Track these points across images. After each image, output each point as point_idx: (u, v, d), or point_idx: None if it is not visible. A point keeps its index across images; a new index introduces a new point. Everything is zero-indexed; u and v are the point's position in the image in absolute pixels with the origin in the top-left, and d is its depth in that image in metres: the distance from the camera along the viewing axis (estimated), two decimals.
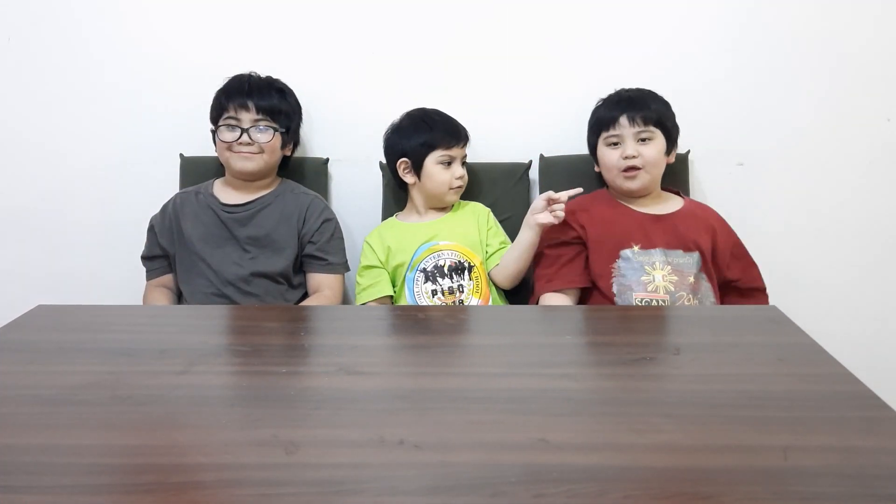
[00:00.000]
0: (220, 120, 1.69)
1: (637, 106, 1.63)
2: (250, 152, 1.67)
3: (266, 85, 1.71)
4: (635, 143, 1.61)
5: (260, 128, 1.67)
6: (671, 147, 1.66)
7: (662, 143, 1.63)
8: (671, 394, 0.95)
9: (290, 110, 1.73)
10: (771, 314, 1.25)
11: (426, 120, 1.71)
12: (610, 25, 1.83)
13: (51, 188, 1.92)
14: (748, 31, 1.83)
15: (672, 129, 1.66)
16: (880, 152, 1.86)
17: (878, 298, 1.91)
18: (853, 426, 0.85)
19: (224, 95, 1.69)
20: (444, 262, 1.62)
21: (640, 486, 0.73)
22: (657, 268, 1.55)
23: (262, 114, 1.68)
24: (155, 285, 1.73)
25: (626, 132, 1.62)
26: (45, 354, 1.09)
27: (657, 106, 1.64)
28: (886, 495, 0.72)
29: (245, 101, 1.67)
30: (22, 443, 0.83)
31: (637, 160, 1.61)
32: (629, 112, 1.62)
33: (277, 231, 1.69)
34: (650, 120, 1.62)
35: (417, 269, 1.63)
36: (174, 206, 1.72)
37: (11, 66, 1.87)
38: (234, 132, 1.67)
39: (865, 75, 1.83)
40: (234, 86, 1.70)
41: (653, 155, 1.62)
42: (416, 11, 1.84)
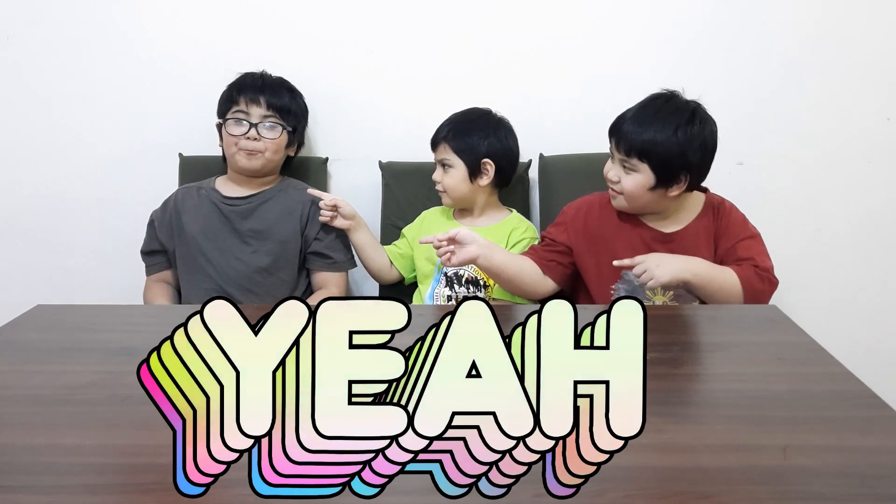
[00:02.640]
0: (228, 113, 1.69)
1: (630, 129, 1.44)
2: (255, 150, 1.66)
3: (278, 84, 1.72)
4: (619, 168, 1.47)
5: (268, 124, 1.67)
6: (667, 181, 1.44)
7: (647, 178, 1.43)
8: (671, 393, 0.95)
9: (298, 111, 1.74)
10: (771, 314, 1.25)
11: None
12: (610, 25, 1.83)
13: (50, 187, 1.91)
14: (748, 31, 1.83)
15: (668, 162, 1.42)
16: (880, 152, 1.86)
17: (878, 298, 1.91)
18: (852, 426, 0.85)
19: (236, 89, 1.70)
20: (463, 273, 1.63)
21: (640, 485, 0.73)
22: (658, 293, 1.47)
23: (272, 110, 1.68)
24: (155, 280, 1.73)
25: (615, 153, 1.49)
26: (44, 354, 1.09)
27: (655, 132, 1.42)
28: (886, 495, 0.72)
29: (257, 97, 1.67)
30: (21, 443, 0.83)
31: (617, 185, 1.47)
32: (616, 135, 1.47)
33: (279, 224, 1.69)
34: (633, 151, 1.43)
35: (443, 271, 1.65)
36: (175, 201, 1.72)
37: (11, 65, 1.87)
38: (241, 126, 1.67)
39: (865, 75, 1.83)
40: (247, 81, 1.71)
41: (630, 187, 1.45)
42: (416, 11, 1.83)
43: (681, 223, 1.52)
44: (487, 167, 1.67)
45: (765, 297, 1.46)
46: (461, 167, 1.66)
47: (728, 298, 1.42)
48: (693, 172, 1.45)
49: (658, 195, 1.46)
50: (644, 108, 1.47)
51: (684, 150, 1.42)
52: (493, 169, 1.68)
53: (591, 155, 1.78)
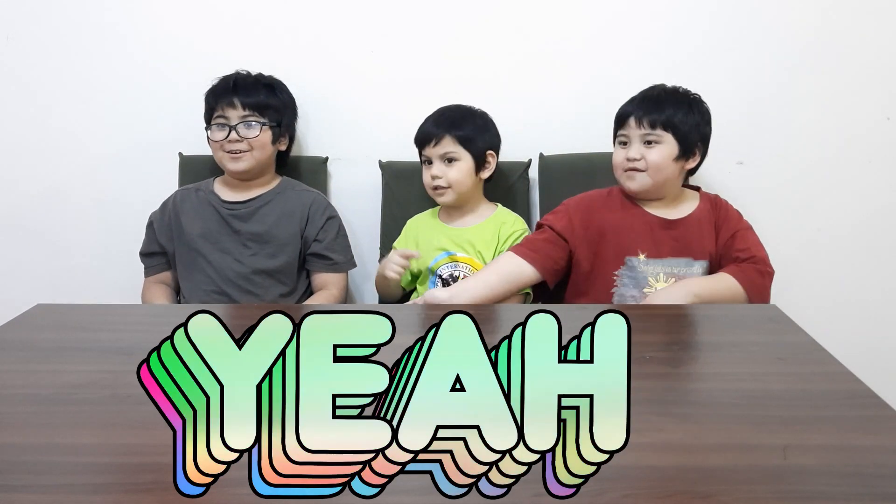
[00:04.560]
0: (211, 120, 1.69)
1: (647, 107, 1.55)
2: (239, 150, 1.66)
3: (253, 81, 1.71)
4: (640, 145, 1.55)
5: (247, 124, 1.67)
6: (687, 152, 1.55)
7: (672, 148, 1.53)
8: (671, 393, 0.95)
9: (279, 105, 1.72)
10: (771, 314, 1.25)
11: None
12: (610, 24, 1.83)
13: (50, 187, 1.91)
14: (748, 31, 1.83)
15: (688, 134, 1.54)
16: (880, 152, 1.86)
17: (878, 298, 1.91)
18: (852, 425, 0.85)
19: (212, 95, 1.70)
20: (459, 273, 1.63)
21: (640, 484, 0.73)
22: (661, 280, 1.51)
23: (249, 110, 1.68)
24: (153, 282, 1.73)
25: (633, 133, 1.55)
26: (43, 353, 1.09)
27: (672, 109, 1.55)
28: (886, 494, 0.72)
29: (231, 99, 1.67)
30: (21, 442, 0.83)
31: (639, 162, 1.53)
32: (637, 112, 1.55)
33: (279, 227, 1.69)
34: (658, 123, 1.53)
35: (437, 273, 1.65)
36: (174, 203, 1.72)
37: (10, 65, 1.87)
38: (223, 130, 1.67)
39: (865, 75, 1.83)
40: (221, 85, 1.71)
41: (656, 159, 1.53)
42: (415, 10, 1.83)
43: (682, 212, 1.58)
44: (490, 159, 1.67)
45: (766, 290, 1.51)
46: (468, 159, 1.64)
47: (734, 301, 1.46)
48: (705, 146, 1.58)
49: (678, 168, 1.55)
50: (650, 93, 1.58)
51: (698, 122, 1.56)
52: (495, 161, 1.67)
53: (591, 155, 1.78)
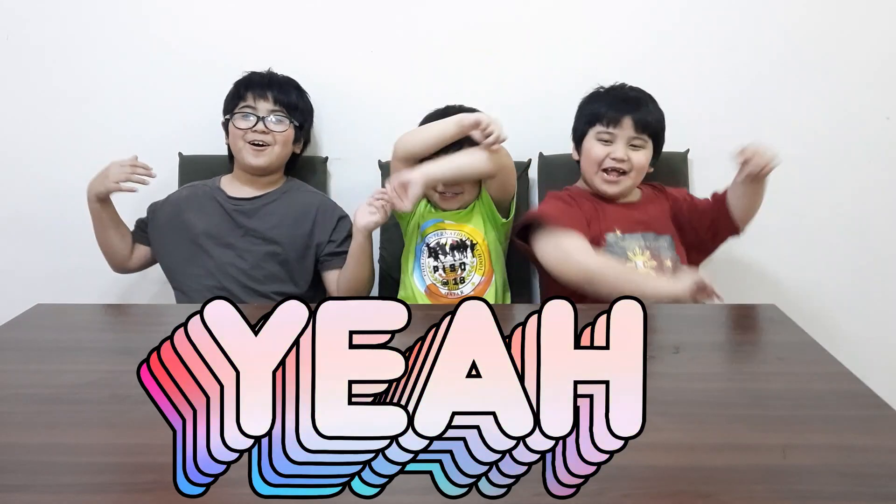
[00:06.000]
0: (235, 109, 1.70)
1: (641, 111, 1.59)
2: (264, 142, 1.67)
3: (286, 81, 1.75)
4: (626, 147, 1.58)
5: (277, 118, 1.69)
6: (657, 155, 1.64)
7: (650, 152, 1.61)
8: (671, 392, 0.95)
9: (305, 108, 1.76)
10: (771, 314, 1.25)
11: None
12: (610, 24, 1.83)
13: (50, 187, 1.91)
14: (748, 31, 1.82)
15: (661, 141, 1.64)
16: (880, 152, 1.86)
17: (877, 298, 1.91)
18: (852, 425, 0.86)
19: (243, 86, 1.71)
20: (445, 241, 1.62)
21: (640, 484, 0.73)
22: (637, 253, 1.55)
23: (279, 105, 1.70)
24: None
25: (623, 134, 1.58)
26: (44, 353, 1.09)
27: (657, 115, 1.62)
28: (885, 494, 0.72)
29: (265, 92, 1.69)
30: (21, 442, 0.83)
31: (625, 164, 1.58)
32: (635, 115, 1.58)
33: (283, 226, 1.69)
34: (649, 129, 1.59)
35: (425, 241, 1.64)
36: (178, 198, 1.73)
37: (10, 64, 1.87)
38: (249, 120, 1.68)
39: (865, 75, 1.83)
40: (255, 78, 1.73)
41: (641, 162, 1.59)
42: (415, 9, 1.83)
43: (635, 197, 1.66)
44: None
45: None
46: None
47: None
48: (662, 146, 1.65)
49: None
50: (631, 91, 1.63)
51: (664, 124, 1.63)
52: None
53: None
